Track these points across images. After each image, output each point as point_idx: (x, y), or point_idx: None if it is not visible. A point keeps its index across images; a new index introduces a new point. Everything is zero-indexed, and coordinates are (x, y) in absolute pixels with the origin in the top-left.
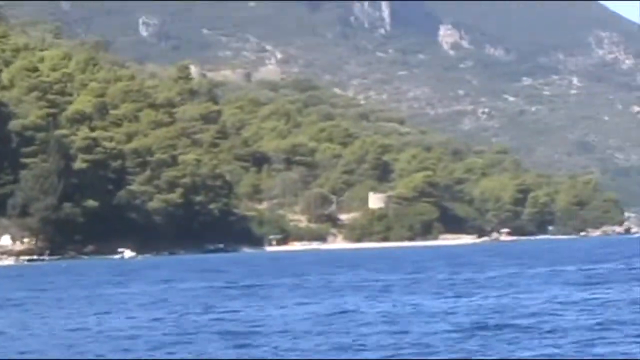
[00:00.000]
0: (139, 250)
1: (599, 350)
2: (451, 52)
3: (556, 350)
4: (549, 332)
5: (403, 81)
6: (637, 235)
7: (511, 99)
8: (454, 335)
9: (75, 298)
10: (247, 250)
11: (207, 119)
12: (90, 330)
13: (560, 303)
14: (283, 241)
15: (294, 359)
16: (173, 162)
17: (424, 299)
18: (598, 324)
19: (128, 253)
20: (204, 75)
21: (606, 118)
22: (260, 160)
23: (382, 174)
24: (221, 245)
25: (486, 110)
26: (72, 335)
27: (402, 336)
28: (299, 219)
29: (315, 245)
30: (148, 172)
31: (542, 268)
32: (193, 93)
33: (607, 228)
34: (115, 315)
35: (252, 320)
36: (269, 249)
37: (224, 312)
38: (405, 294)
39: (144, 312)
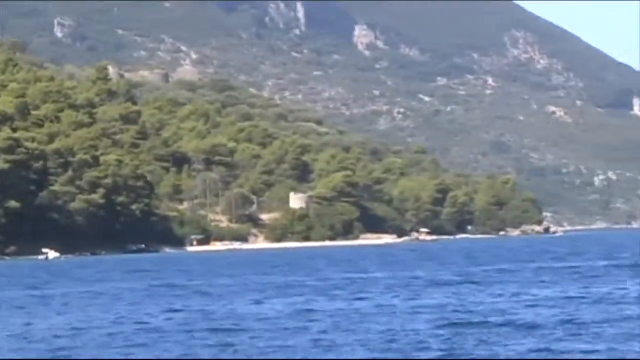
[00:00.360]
0: (61, 251)
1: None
2: (366, 53)
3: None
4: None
5: (318, 82)
6: (558, 235)
7: (427, 99)
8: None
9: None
10: (168, 250)
11: (127, 119)
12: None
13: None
14: (204, 241)
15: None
16: (95, 162)
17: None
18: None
19: (52, 254)
20: (121, 76)
21: (521, 118)
22: (180, 161)
23: (302, 174)
24: (143, 246)
25: (402, 110)
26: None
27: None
28: (220, 220)
29: (237, 245)
30: (70, 173)
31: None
32: (112, 94)
33: (527, 227)
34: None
35: (229, 318)
36: (190, 249)
37: (193, 310)
38: (356, 292)
39: (102, 311)
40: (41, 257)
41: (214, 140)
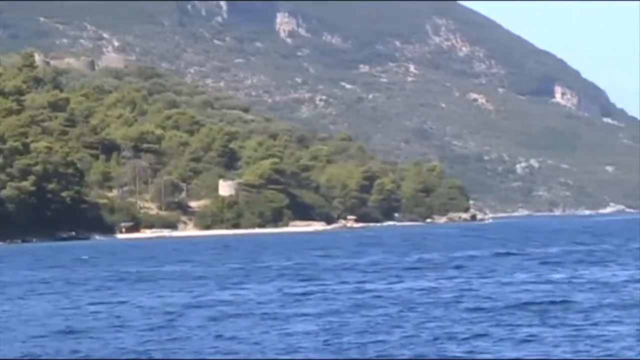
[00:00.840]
0: None
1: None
2: (288, 40)
3: None
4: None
5: (240, 69)
6: (487, 222)
7: (348, 86)
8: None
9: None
10: (98, 237)
11: (55, 106)
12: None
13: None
14: (134, 229)
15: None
16: (25, 150)
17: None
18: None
19: None
20: (47, 64)
21: (443, 105)
22: (109, 148)
23: (229, 161)
24: (73, 233)
25: (324, 97)
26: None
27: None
28: (150, 207)
29: (166, 232)
30: (0, 160)
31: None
32: (38, 81)
33: (453, 214)
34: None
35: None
36: (119, 236)
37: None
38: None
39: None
40: None
41: (141, 128)
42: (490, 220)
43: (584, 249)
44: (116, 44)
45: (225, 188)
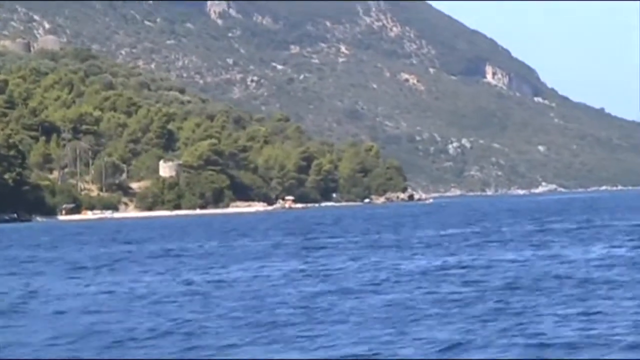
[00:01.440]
0: None
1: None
2: (219, 22)
3: None
4: None
5: (171, 50)
6: (428, 202)
7: (279, 67)
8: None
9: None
10: (39, 219)
11: None
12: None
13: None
14: (75, 210)
15: None
16: None
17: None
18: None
19: None
20: None
21: (374, 86)
22: (48, 130)
23: (168, 142)
24: (15, 215)
25: (255, 79)
26: None
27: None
28: (91, 189)
29: (107, 214)
30: None
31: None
32: None
33: (391, 195)
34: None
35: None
36: (61, 218)
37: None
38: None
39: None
40: None
41: (80, 110)
42: (432, 201)
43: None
44: (47, 26)
45: (166, 169)
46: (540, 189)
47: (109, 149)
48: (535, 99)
